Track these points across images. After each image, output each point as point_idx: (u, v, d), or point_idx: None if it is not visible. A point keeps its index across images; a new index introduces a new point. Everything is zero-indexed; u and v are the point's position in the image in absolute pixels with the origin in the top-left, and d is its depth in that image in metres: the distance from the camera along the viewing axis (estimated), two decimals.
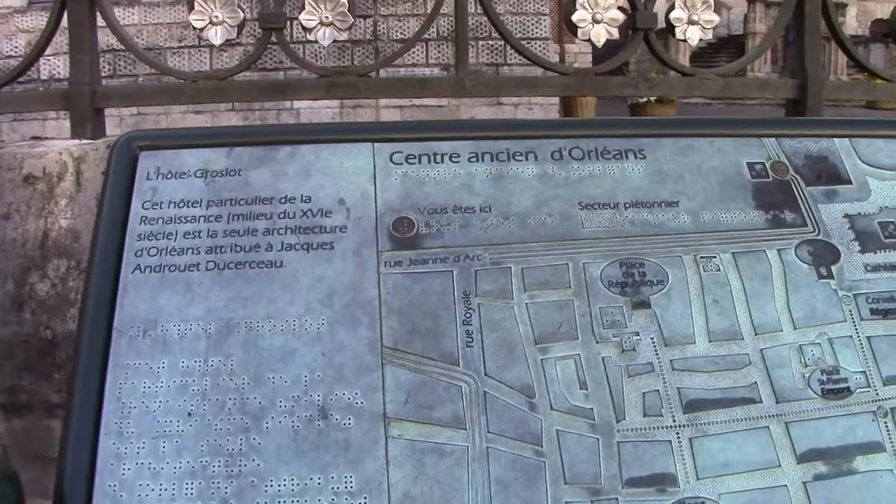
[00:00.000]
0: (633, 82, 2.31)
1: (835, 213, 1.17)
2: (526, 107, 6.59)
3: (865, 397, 1.05)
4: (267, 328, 0.98)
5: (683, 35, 2.01)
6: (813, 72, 2.01)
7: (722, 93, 2.32)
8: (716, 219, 1.12)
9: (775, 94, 2.25)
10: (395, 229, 1.05)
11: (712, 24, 2.06)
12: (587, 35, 1.98)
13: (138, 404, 0.93)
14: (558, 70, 2.09)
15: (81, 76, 1.77)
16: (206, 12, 1.83)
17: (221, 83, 1.88)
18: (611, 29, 1.98)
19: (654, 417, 0.98)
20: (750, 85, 2.36)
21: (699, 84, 2.11)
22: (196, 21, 1.84)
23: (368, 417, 0.94)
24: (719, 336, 1.04)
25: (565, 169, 1.13)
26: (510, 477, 0.93)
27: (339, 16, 1.89)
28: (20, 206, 1.65)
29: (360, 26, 6.69)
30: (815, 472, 0.99)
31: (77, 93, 1.77)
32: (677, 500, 0.94)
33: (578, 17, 1.96)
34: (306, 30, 1.88)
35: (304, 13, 1.86)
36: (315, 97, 2.03)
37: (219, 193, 1.06)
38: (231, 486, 0.90)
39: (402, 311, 1.00)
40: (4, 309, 1.61)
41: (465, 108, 6.20)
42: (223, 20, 1.85)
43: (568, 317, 1.02)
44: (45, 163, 1.65)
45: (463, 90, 1.99)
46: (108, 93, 1.84)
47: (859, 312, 1.10)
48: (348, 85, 1.94)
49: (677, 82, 2.26)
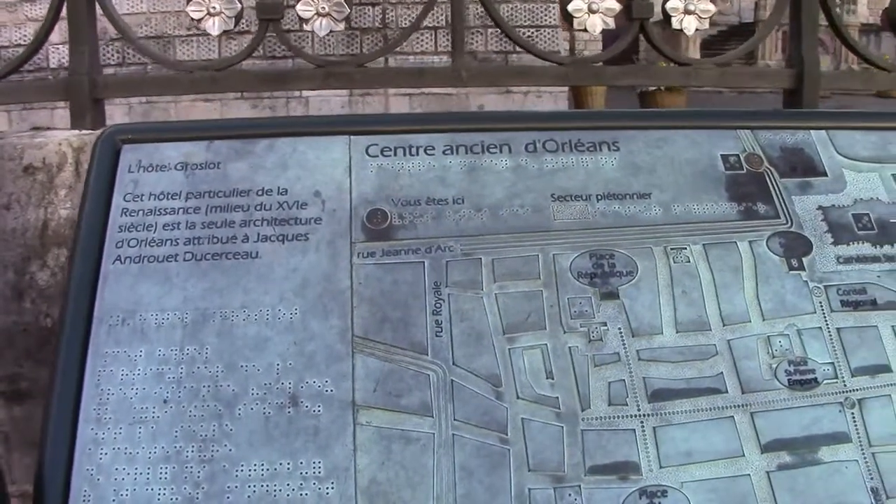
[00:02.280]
0: (631, 71, 2.31)
1: (808, 205, 1.18)
2: (535, 95, 6.57)
3: (833, 388, 1.06)
4: (241, 317, 1.01)
5: (679, 25, 2.01)
6: (810, 61, 2.00)
7: (718, 82, 2.31)
8: (687, 210, 1.13)
9: (772, 84, 2.24)
10: (368, 221, 1.08)
11: (709, 13, 2.05)
12: (583, 25, 1.98)
13: (116, 391, 0.97)
14: (554, 60, 2.09)
15: (81, 67, 1.79)
16: (204, 3, 1.85)
17: (219, 73, 1.90)
18: (606, 19, 1.98)
19: (619, 406, 1.00)
20: (746, 75, 2.36)
21: (695, 74, 2.11)
22: (194, 12, 1.85)
23: (337, 405, 0.97)
24: (687, 327, 1.06)
25: (538, 161, 1.14)
26: (475, 464, 0.95)
27: (335, 6, 1.90)
28: (20, 196, 1.67)
29: (370, 14, 6.67)
30: (780, 461, 1.01)
31: (76, 83, 1.79)
32: (640, 488, 0.96)
33: (574, 6, 1.96)
34: (303, 20, 1.90)
35: (300, 4, 1.88)
36: (312, 87, 2.05)
37: (198, 186, 1.09)
38: (203, 470, 0.93)
39: (374, 301, 1.02)
40: (5, 298, 1.63)
41: (474, 96, 6.19)
42: (221, 11, 1.87)
43: (536, 307, 1.04)
44: (44, 153, 1.66)
45: (458, 80, 2.00)
46: (107, 83, 1.86)
47: (830, 304, 1.11)
48: (345, 75, 1.96)
49: (673, 72, 2.25)
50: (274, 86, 2.01)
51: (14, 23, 6.73)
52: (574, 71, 2.06)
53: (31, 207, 1.66)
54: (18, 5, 6.85)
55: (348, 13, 1.93)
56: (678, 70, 2.15)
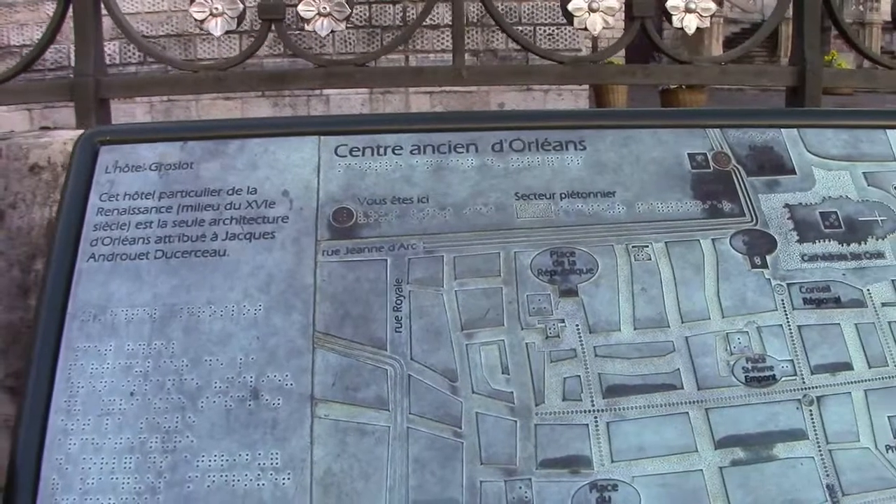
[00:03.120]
0: (629, 71, 2.31)
1: (775, 203, 1.19)
2: (555, 93, 6.53)
3: (791, 385, 1.07)
4: (207, 313, 1.04)
5: (680, 23, 2.00)
6: (812, 59, 1.98)
7: (719, 80, 2.30)
8: (651, 209, 1.15)
9: (773, 82, 2.22)
10: (334, 219, 1.10)
11: (709, 11, 2.04)
12: (583, 24, 1.98)
13: (86, 384, 1.01)
14: (554, 58, 2.09)
15: (86, 67, 1.83)
16: (207, 4, 1.88)
17: (222, 73, 1.94)
18: (607, 17, 1.98)
19: (573, 402, 1.02)
20: (747, 73, 2.33)
21: (696, 72, 2.10)
22: (196, 13, 1.89)
23: (297, 398, 1.00)
24: (645, 323, 1.07)
25: (504, 160, 1.16)
26: (428, 456, 0.97)
27: (336, 6, 1.92)
28: (26, 196, 1.69)
29: (390, 12, 6.68)
30: (733, 457, 1.02)
31: (81, 84, 1.83)
32: (590, 482, 0.98)
33: (574, 5, 1.96)
34: (304, 20, 1.92)
35: (301, 4, 1.89)
36: (314, 86, 2.07)
37: (171, 186, 1.12)
38: (166, 460, 0.97)
39: (336, 298, 1.05)
40: (11, 295, 1.65)
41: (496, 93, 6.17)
42: (223, 11, 1.89)
43: (495, 304, 1.06)
44: (49, 153, 1.69)
45: (459, 79, 2.01)
46: (111, 84, 1.90)
47: (792, 301, 1.12)
48: (345, 74, 1.98)
49: (674, 70, 2.25)
50: (276, 85, 2.04)
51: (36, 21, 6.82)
52: (573, 70, 2.06)
53: (36, 206, 1.68)
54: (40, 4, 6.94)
55: (349, 13, 1.95)
56: (678, 69, 2.14)
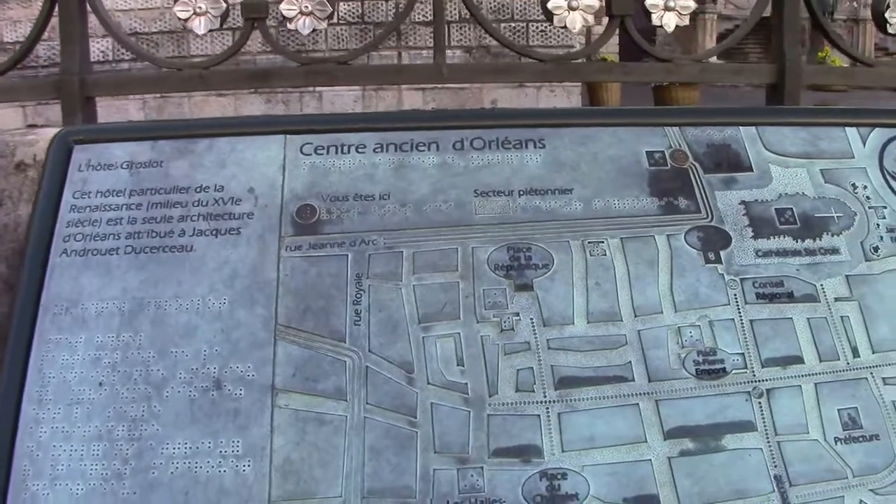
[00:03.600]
0: (607, 68, 2.33)
1: (731, 200, 1.21)
2: (548, 89, 6.55)
3: (741, 378, 1.10)
4: (174, 307, 1.08)
5: (659, 21, 2.02)
6: (791, 57, 1.99)
7: (698, 78, 2.32)
8: (608, 206, 1.18)
9: (752, 79, 2.24)
10: (298, 216, 1.14)
11: (689, 10, 2.06)
12: (563, 22, 2.01)
13: (57, 374, 1.05)
14: (534, 56, 2.12)
15: (72, 66, 1.84)
16: (191, 3, 1.91)
17: (205, 72, 1.97)
18: (587, 16, 2.00)
19: (526, 393, 1.05)
20: (727, 70, 2.35)
21: (676, 70, 2.12)
22: (181, 12, 1.92)
23: (258, 388, 1.03)
24: (598, 317, 1.11)
25: (465, 158, 1.19)
26: (383, 445, 1.01)
27: (318, 5, 1.95)
28: (12, 193, 1.70)
29: (382, 8, 6.72)
30: (682, 448, 1.05)
31: (67, 82, 1.84)
32: (540, 471, 1.02)
33: (553, 4, 1.98)
34: (286, 19, 1.95)
35: (284, 3, 1.92)
36: (295, 84, 2.11)
37: (141, 183, 1.16)
38: (132, 448, 1.01)
39: (298, 292, 1.09)
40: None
41: (488, 90, 6.20)
42: (207, 10, 1.92)
43: (452, 298, 1.10)
44: (35, 151, 1.73)
45: (439, 76, 2.04)
46: (97, 82, 1.94)
47: (744, 296, 1.15)
48: (326, 72, 2.00)
49: (654, 68, 2.27)
50: (259, 83, 2.08)
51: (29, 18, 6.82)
52: (552, 68, 2.08)
53: (22, 203, 1.72)
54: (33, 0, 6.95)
55: (331, 12, 1.98)
56: (658, 66, 2.16)
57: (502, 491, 1.00)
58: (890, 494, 1.07)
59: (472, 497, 0.99)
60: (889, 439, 1.10)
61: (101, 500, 0.98)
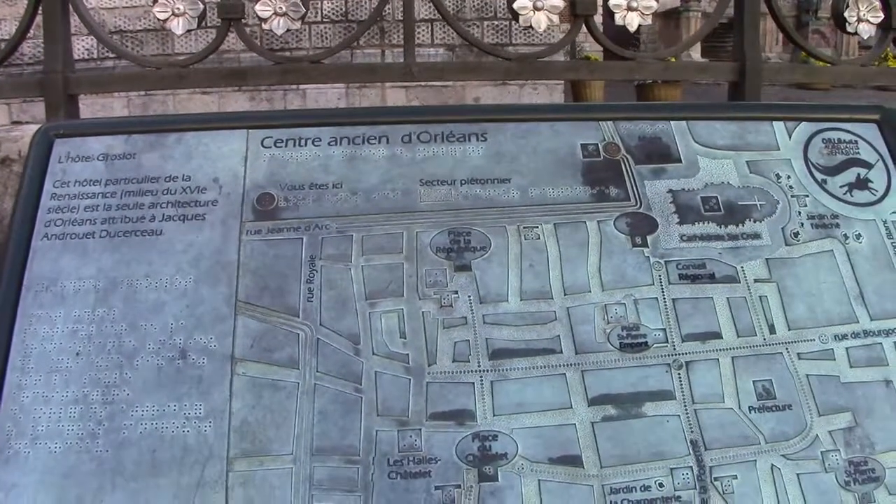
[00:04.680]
0: (574, 67, 2.43)
1: (659, 189, 1.32)
2: (531, 87, 6.64)
3: (662, 351, 1.20)
4: (144, 285, 1.19)
5: (623, 21, 2.11)
6: (751, 55, 2.08)
7: (662, 76, 2.41)
8: (543, 194, 1.28)
9: (715, 77, 2.32)
10: (258, 203, 1.25)
11: (651, 10, 2.15)
12: (528, 22, 2.10)
13: (38, 345, 1.16)
14: (500, 55, 2.21)
15: (55, 65, 1.93)
16: (169, 4, 2.00)
17: (183, 70, 2.07)
18: (552, 16, 2.10)
19: (462, 363, 1.16)
20: (690, 68, 2.45)
21: (639, 68, 2.21)
22: (159, 13, 2.01)
23: (219, 358, 1.14)
24: (530, 295, 1.21)
25: (412, 151, 1.30)
26: (331, 408, 1.12)
27: (291, 6, 2.05)
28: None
29: (366, 6, 6.81)
30: (604, 414, 1.15)
31: (50, 80, 1.94)
32: (473, 433, 1.12)
33: (519, 5, 2.07)
34: (262, 19, 2.05)
35: (258, 4, 2.01)
36: (271, 83, 2.21)
37: (115, 174, 1.27)
38: (105, 410, 1.12)
39: (257, 272, 1.20)
40: None
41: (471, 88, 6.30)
42: (185, 11, 2.02)
43: (396, 277, 1.20)
44: (20, 146, 1.79)
45: (409, 76, 2.14)
46: (79, 80, 2.02)
47: (668, 277, 1.25)
48: (301, 71, 2.11)
49: (618, 67, 2.36)
50: (236, 81, 2.17)
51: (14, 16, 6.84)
52: (518, 66, 2.17)
53: (7, 197, 1.77)
54: None
55: (305, 13, 2.08)
56: (623, 65, 2.25)
57: (438, 451, 1.11)
58: (800, 459, 1.16)
59: (410, 455, 1.10)
60: (801, 409, 1.20)
61: (76, 458, 1.09)
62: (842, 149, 1.42)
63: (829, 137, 1.43)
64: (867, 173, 1.41)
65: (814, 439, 1.18)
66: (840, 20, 2.12)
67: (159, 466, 1.08)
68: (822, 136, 1.43)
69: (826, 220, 1.34)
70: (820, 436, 1.18)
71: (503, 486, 1.09)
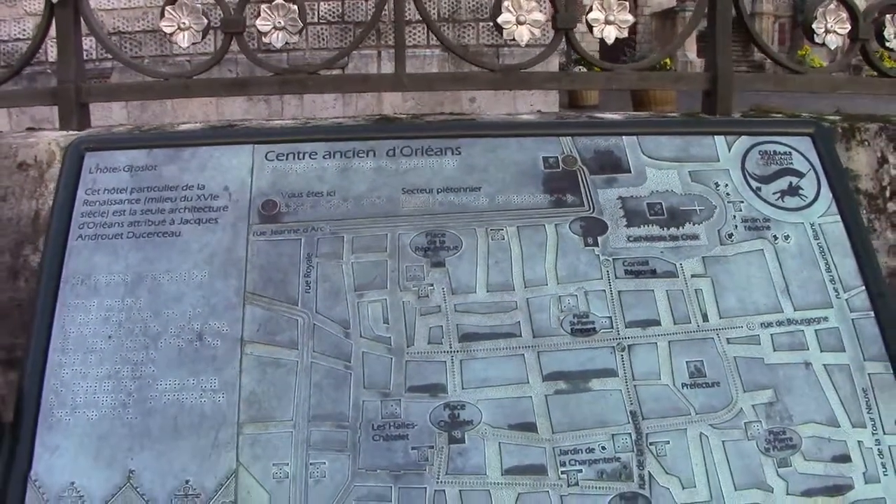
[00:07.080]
0: (556, 77, 2.61)
1: (611, 196, 1.52)
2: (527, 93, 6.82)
3: (608, 336, 1.41)
4: (166, 279, 1.40)
5: (601, 34, 2.27)
6: (723, 65, 2.22)
7: (638, 85, 2.58)
8: (508, 200, 1.49)
9: (689, 87, 2.47)
10: (263, 208, 1.45)
11: (627, 23, 2.32)
12: (511, 35, 2.27)
13: (76, 330, 1.36)
14: (486, 66, 2.38)
15: (68, 75, 2.09)
16: (175, 19, 2.16)
17: (189, 81, 2.23)
18: (533, 30, 2.27)
19: (436, 345, 1.37)
20: (666, 78, 2.64)
21: (616, 78, 2.38)
22: (166, 27, 2.17)
23: (230, 340, 1.35)
24: (495, 287, 1.42)
25: (395, 163, 1.51)
26: (325, 383, 1.33)
27: (290, 21, 2.23)
28: (15, 190, 1.91)
29: (363, 8, 6.96)
30: (557, 388, 1.36)
31: (64, 90, 2.09)
32: (444, 402, 1.33)
33: (503, 19, 2.24)
34: (262, 33, 2.22)
35: (259, 19, 2.18)
36: (270, 93, 2.39)
37: (139, 183, 1.47)
38: (134, 384, 1.32)
39: (262, 268, 1.40)
40: (1, 278, 1.87)
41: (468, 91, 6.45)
42: (190, 26, 2.18)
43: (381, 272, 1.41)
44: (36, 152, 1.90)
45: (401, 86, 2.32)
46: (91, 90, 2.15)
47: (615, 272, 1.45)
48: (298, 82, 2.27)
49: (596, 76, 2.53)
50: (237, 91, 2.34)
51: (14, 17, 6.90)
52: (503, 77, 2.33)
53: (24, 199, 1.91)
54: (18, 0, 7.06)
55: (302, 27, 2.26)
56: (601, 75, 2.42)
57: (414, 417, 1.32)
58: (726, 429, 1.35)
59: (391, 421, 1.31)
60: (728, 386, 1.39)
61: (110, 424, 1.30)
62: (776, 160, 1.62)
63: (765, 150, 1.63)
64: (799, 181, 1.61)
65: (738, 412, 1.37)
66: (809, 32, 2.29)
67: (181, 430, 1.29)
68: (758, 148, 1.63)
69: (758, 223, 1.54)
70: (744, 409, 1.38)
71: (469, 448, 1.30)
